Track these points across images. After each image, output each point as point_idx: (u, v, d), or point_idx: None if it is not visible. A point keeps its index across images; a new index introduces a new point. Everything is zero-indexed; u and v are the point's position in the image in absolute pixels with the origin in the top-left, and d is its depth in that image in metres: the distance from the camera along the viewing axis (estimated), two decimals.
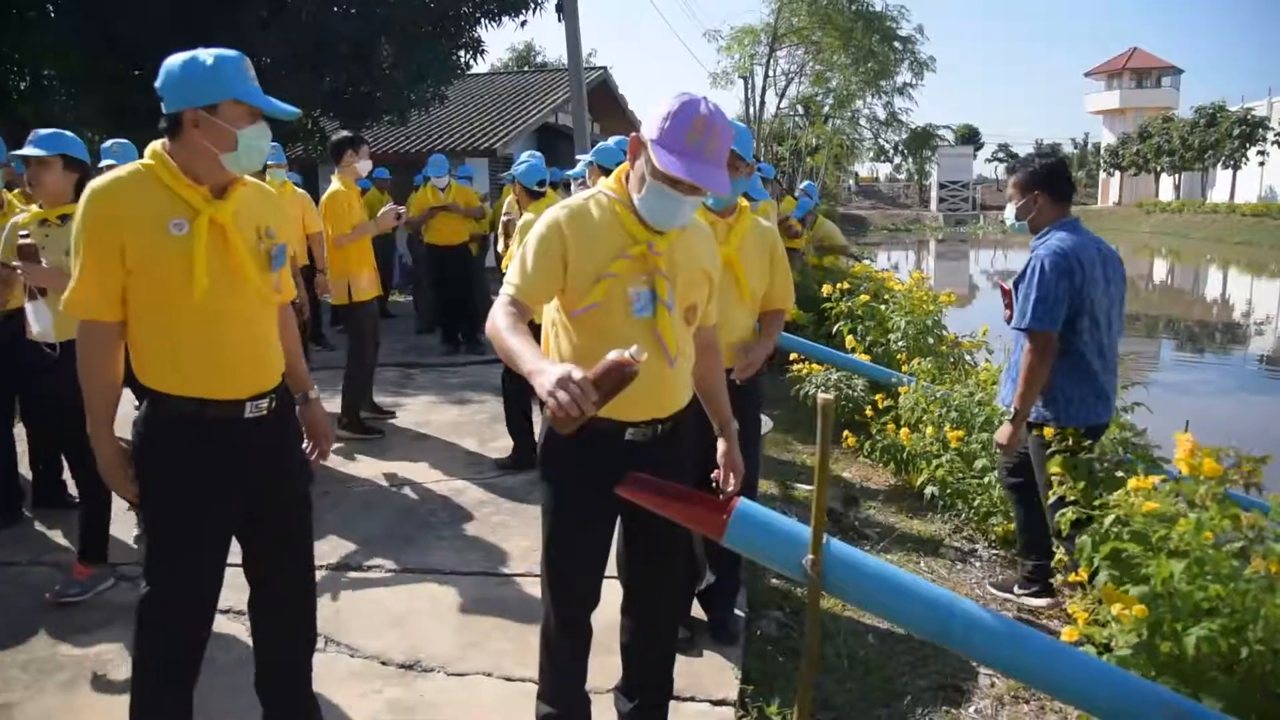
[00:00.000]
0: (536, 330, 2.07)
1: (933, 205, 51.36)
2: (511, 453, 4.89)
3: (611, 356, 1.64)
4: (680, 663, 2.46)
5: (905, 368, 5.44)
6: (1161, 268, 27.51)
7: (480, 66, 12.79)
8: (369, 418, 5.60)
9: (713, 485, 2.21)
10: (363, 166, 5.33)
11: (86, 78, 9.32)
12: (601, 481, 2.02)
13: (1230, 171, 38.64)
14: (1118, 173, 49.26)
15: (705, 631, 3.02)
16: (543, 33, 63.42)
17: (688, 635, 2.89)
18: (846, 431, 5.55)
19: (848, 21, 28.20)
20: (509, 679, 2.78)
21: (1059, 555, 3.16)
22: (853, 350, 5.98)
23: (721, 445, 2.23)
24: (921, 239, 39.92)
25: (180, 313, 1.94)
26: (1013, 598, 3.56)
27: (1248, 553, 2.16)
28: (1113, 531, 2.48)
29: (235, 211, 2.01)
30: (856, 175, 58.26)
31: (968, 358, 6.00)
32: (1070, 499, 2.75)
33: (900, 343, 5.96)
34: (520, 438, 4.82)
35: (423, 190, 8.10)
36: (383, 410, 5.89)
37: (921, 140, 42.73)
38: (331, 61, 9.90)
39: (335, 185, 5.24)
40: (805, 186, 9.60)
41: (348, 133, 5.53)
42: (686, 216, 1.99)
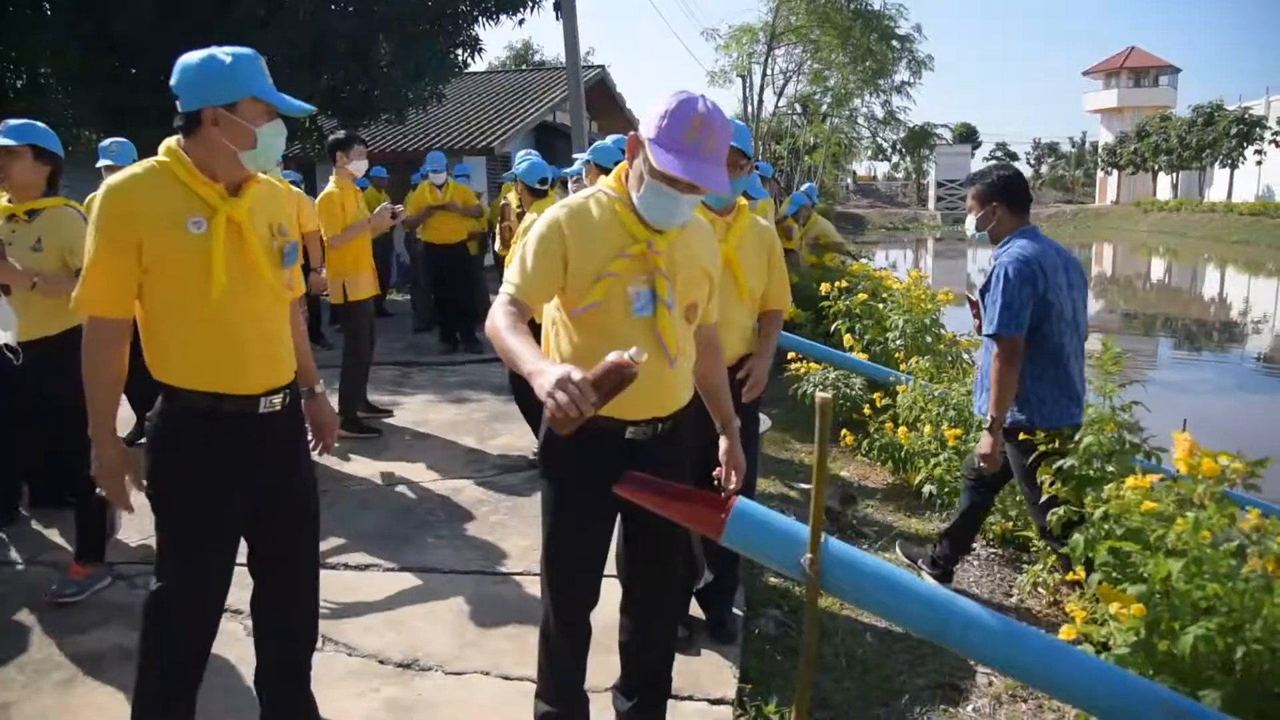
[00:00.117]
0: (536, 330, 2.07)
1: (930, 204, 51.33)
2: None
3: (611, 358, 1.63)
4: (678, 661, 2.46)
5: (903, 366, 5.44)
6: (1159, 266, 27.56)
7: (478, 65, 12.76)
8: (365, 417, 5.59)
9: (714, 483, 2.21)
10: (356, 167, 5.32)
11: (84, 76, 9.29)
12: (601, 481, 2.02)
13: (1228, 170, 38.70)
14: (1115, 172, 49.34)
15: (703, 630, 3.02)
16: (540, 31, 63.89)
17: (686, 634, 2.89)
18: (844, 430, 5.55)
19: (846, 20, 28.18)
20: (507, 678, 2.77)
21: (1053, 559, 3.17)
22: (851, 349, 5.97)
23: (723, 443, 2.23)
24: (919, 237, 39.96)
25: (197, 309, 1.95)
26: (924, 568, 3.67)
27: (1245, 552, 2.17)
28: (1104, 529, 2.49)
29: (250, 209, 2.01)
30: (854, 174, 58.25)
31: (965, 356, 6.01)
32: (1062, 499, 2.76)
33: (898, 341, 5.96)
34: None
35: (420, 189, 8.09)
36: (379, 409, 5.88)
37: (919, 139, 42.81)
38: (329, 60, 9.87)
39: (330, 186, 5.25)
40: (807, 188, 9.58)
41: (343, 132, 5.53)
42: (685, 215, 1.98)
